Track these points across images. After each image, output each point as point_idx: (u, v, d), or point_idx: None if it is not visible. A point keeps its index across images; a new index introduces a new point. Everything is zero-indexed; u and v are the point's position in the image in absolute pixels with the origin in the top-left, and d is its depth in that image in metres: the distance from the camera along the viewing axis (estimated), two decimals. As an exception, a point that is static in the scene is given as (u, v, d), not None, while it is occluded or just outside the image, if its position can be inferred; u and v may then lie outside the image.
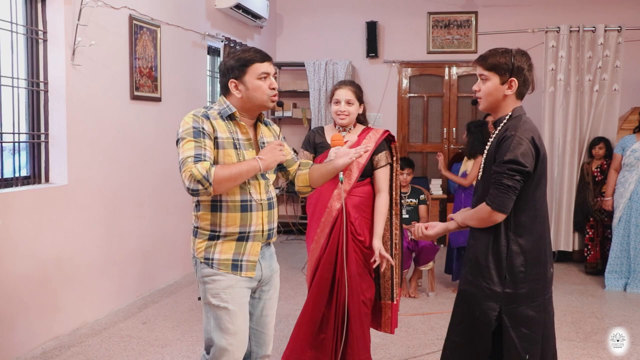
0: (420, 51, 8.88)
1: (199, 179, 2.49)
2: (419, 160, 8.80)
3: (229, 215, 2.68)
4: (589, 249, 6.74)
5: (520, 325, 2.66)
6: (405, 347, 4.52)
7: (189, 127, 2.62)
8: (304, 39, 9.16)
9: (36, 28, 4.56)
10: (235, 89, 2.72)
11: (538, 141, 2.62)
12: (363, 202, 3.57)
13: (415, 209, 5.99)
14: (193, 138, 2.59)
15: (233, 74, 2.72)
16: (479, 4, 8.67)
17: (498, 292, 2.66)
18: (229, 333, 2.69)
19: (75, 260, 4.72)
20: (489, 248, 2.68)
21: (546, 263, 2.72)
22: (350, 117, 3.60)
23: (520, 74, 2.69)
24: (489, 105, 2.76)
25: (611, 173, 6.36)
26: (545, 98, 7.02)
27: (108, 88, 5.11)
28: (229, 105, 2.72)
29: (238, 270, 2.71)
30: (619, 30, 6.86)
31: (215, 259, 2.69)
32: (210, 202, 2.68)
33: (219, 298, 2.68)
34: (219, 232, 2.69)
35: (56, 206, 4.55)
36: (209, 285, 2.70)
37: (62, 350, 4.35)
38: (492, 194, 2.60)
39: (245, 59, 2.72)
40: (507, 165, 2.57)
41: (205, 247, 2.70)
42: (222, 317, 2.69)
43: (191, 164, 2.52)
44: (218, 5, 7.05)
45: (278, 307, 5.33)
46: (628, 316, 5.28)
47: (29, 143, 4.58)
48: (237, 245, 2.71)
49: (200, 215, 2.71)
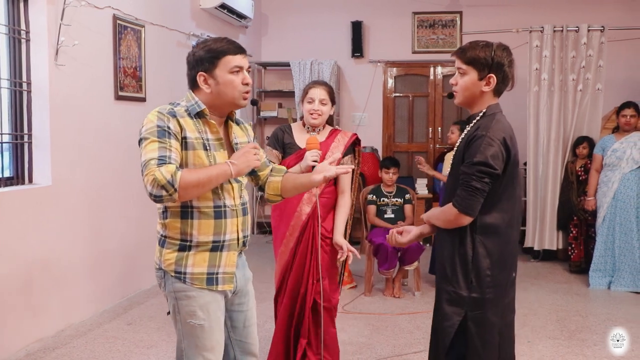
0: (405, 51, 8.90)
1: (162, 184, 2.23)
2: (404, 160, 8.82)
3: (202, 222, 2.42)
4: (573, 248, 6.79)
5: (485, 332, 2.57)
6: (392, 346, 4.53)
7: (153, 125, 2.37)
8: (289, 38, 9.15)
9: (19, 28, 4.52)
10: (204, 84, 2.44)
11: (510, 142, 2.52)
12: (328, 202, 3.63)
13: (400, 208, 6.00)
14: (157, 138, 2.34)
15: (202, 66, 2.43)
16: (464, 4, 8.71)
17: (464, 297, 2.56)
18: (205, 349, 2.47)
19: (59, 262, 4.69)
20: (455, 250, 2.58)
21: (511, 267, 2.64)
22: (322, 117, 3.58)
23: (499, 70, 2.56)
24: (464, 100, 2.66)
25: (592, 174, 6.40)
26: (529, 97, 7.07)
27: (92, 88, 5.08)
28: (198, 102, 2.45)
29: (213, 284, 2.46)
30: (601, 30, 6.92)
31: (188, 273, 2.42)
32: (180, 208, 2.42)
33: (195, 316, 2.44)
34: (190, 241, 2.42)
35: (40, 207, 4.51)
36: (183, 302, 2.44)
37: (46, 352, 4.32)
38: (460, 195, 2.50)
39: (216, 50, 2.42)
40: (477, 167, 2.46)
41: (176, 259, 2.43)
42: (198, 335, 2.45)
43: (154, 167, 2.27)
44: (203, 5, 7.03)
45: (263, 308, 5.35)
46: (612, 314, 5.32)
47: (12, 144, 4.54)
48: (211, 257, 2.45)
49: (168, 222, 2.44)
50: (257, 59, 9.04)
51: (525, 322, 5.02)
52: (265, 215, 9.26)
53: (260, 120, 9.27)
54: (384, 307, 5.49)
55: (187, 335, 2.47)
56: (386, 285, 5.90)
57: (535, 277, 6.60)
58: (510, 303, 2.67)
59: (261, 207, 9.24)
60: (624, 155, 6.07)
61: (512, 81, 2.64)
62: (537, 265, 7.15)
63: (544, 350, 4.48)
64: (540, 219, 7.08)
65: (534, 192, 7.12)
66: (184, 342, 2.48)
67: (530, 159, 7.13)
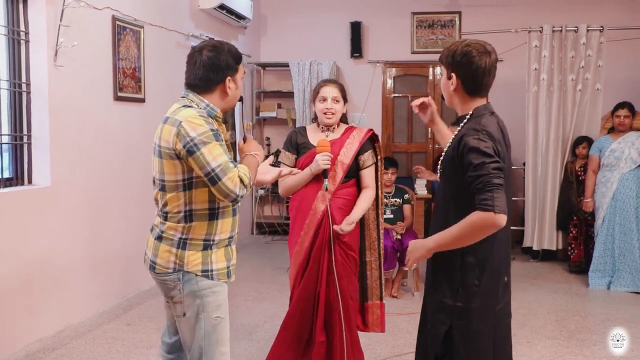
0: (404, 51, 8.90)
1: (246, 184, 2.41)
2: (403, 160, 8.82)
3: (224, 221, 2.57)
4: (573, 248, 6.79)
5: (471, 341, 2.48)
6: (391, 346, 4.53)
7: (207, 130, 2.40)
8: (288, 39, 9.15)
9: (18, 29, 4.52)
10: (228, 88, 2.56)
11: (498, 144, 2.37)
12: (347, 204, 3.53)
13: (399, 208, 6.00)
14: (218, 142, 2.41)
15: (230, 71, 2.55)
16: (463, 4, 8.70)
17: (449, 306, 2.47)
18: (223, 344, 2.61)
19: (59, 262, 4.69)
20: (443, 259, 2.48)
21: (501, 272, 2.52)
22: (336, 116, 3.56)
23: (460, 68, 2.44)
24: (447, 101, 2.60)
25: (589, 175, 6.41)
26: (528, 98, 7.08)
27: (91, 89, 5.08)
28: (211, 105, 2.55)
29: (229, 277, 2.63)
30: (601, 30, 6.92)
31: (215, 269, 2.55)
32: (208, 210, 2.51)
33: (221, 310, 2.58)
34: (213, 240, 2.54)
35: (39, 208, 4.51)
36: (209, 299, 2.55)
37: (46, 353, 4.32)
38: (486, 198, 2.25)
39: (239, 56, 2.59)
40: (489, 165, 2.28)
41: (202, 259, 2.53)
42: (219, 330, 2.58)
43: (235, 169, 2.40)
44: (202, 6, 7.03)
45: (264, 308, 5.35)
46: (611, 314, 5.33)
47: (12, 144, 4.54)
48: (226, 252, 2.61)
49: (194, 225, 2.50)
50: (256, 60, 9.04)
51: (524, 322, 5.02)
52: (264, 215, 9.26)
53: (260, 120, 9.27)
54: (384, 307, 5.48)
55: (210, 332, 2.56)
56: (385, 285, 5.88)
57: (535, 277, 6.60)
58: (504, 308, 2.58)
59: (260, 208, 9.24)
60: (623, 156, 6.08)
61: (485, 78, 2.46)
62: (537, 265, 7.16)
63: (543, 350, 4.49)
64: (539, 219, 7.08)
65: (533, 192, 7.13)
66: (205, 340, 2.56)
67: (529, 159, 7.13)
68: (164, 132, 2.46)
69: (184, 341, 2.64)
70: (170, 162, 2.46)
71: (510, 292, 2.64)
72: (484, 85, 2.48)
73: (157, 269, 2.56)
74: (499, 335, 2.56)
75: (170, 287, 2.56)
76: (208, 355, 2.57)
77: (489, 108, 2.51)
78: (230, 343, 4.53)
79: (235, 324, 4.99)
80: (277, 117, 9.03)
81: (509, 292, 2.63)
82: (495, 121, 2.47)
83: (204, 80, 2.54)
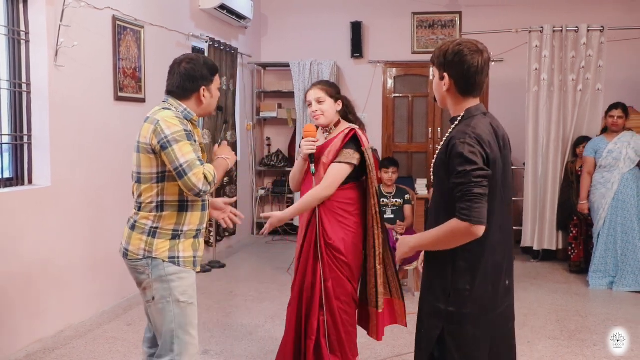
0: (404, 51, 8.90)
1: (210, 181, 2.68)
2: (404, 160, 8.81)
3: (193, 214, 2.82)
4: (573, 248, 6.79)
5: (464, 346, 2.43)
6: (391, 346, 4.53)
7: (180, 130, 2.69)
8: (288, 39, 9.15)
9: (18, 29, 4.52)
10: (203, 96, 2.85)
11: (488, 148, 2.32)
12: (340, 207, 3.47)
13: (400, 208, 6.00)
14: (189, 141, 2.68)
15: (205, 81, 2.84)
16: (463, 4, 8.70)
17: (441, 310, 2.44)
18: (192, 327, 2.84)
19: (59, 262, 4.69)
20: (436, 262, 2.47)
21: (499, 276, 2.46)
22: (325, 116, 3.47)
23: (452, 68, 2.40)
24: (439, 102, 2.56)
25: (585, 177, 6.38)
26: (529, 98, 7.08)
27: (91, 89, 5.08)
28: (188, 110, 2.83)
29: (195, 265, 2.87)
30: (601, 30, 6.92)
31: (181, 256, 2.80)
32: (178, 202, 2.78)
33: (188, 295, 2.81)
34: (181, 231, 2.80)
35: (40, 208, 4.52)
36: (176, 284, 2.78)
37: (46, 353, 4.32)
38: (465, 207, 2.26)
39: (215, 69, 2.90)
40: (472, 173, 2.27)
41: (170, 246, 2.78)
42: (187, 314, 2.81)
43: (198, 167, 2.66)
44: (202, 6, 7.03)
45: (263, 308, 5.36)
46: (612, 314, 5.32)
47: (12, 145, 4.55)
48: (194, 243, 2.85)
49: (164, 215, 2.77)
50: (257, 60, 9.04)
51: (525, 322, 5.02)
52: (265, 215, 9.24)
53: (260, 120, 9.27)
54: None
55: (178, 315, 2.79)
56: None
57: (535, 277, 6.60)
58: (505, 312, 2.53)
59: (261, 208, 9.24)
60: (621, 156, 6.08)
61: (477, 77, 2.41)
62: (537, 265, 7.15)
63: (543, 350, 4.48)
64: (539, 219, 7.08)
65: (533, 192, 7.12)
66: (174, 323, 2.79)
67: (529, 159, 7.13)
68: (143, 129, 2.76)
69: (155, 327, 2.86)
70: (146, 156, 2.74)
71: (513, 295, 2.59)
72: (477, 84, 2.44)
73: (129, 256, 2.81)
74: (498, 340, 2.50)
75: (140, 272, 2.81)
76: (180, 337, 2.79)
77: (481, 109, 2.47)
78: (231, 342, 4.56)
79: (235, 324, 4.99)
80: (278, 117, 9.03)
81: (511, 296, 2.58)
82: (488, 122, 2.43)
83: (181, 88, 2.84)
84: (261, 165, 9.16)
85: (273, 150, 9.35)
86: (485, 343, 2.46)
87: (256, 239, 8.79)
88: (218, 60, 7.19)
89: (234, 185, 7.75)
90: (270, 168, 9.12)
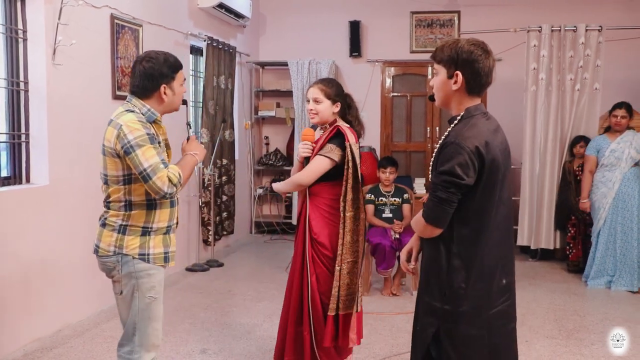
0: (403, 50, 8.90)
1: (175, 183, 2.74)
2: (402, 159, 8.81)
3: (162, 211, 2.88)
4: (571, 247, 6.79)
5: (460, 345, 2.44)
6: (390, 345, 4.53)
7: (143, 133, 2.73)
8: (287, 38, 9.15)
9: (16, 27, 4.51)
10: (164, 94, 2.86)
11: (484, 148, 2.33)
12: (327, 203, 3.52)
13: (398, 208, 6.00)
14: (152, 145, 2.73)
15: (165, 79, 2.85)
16: (462, 4, 8.71)
17: (437, 308, 2.46)
18: (155, 320, 2.92)
19: (57, 261, 4.68)
20: (432, 260, 2.49)
21: (494, 276, 2.45)
22: (320, 116, 3.54)
23: (466, 67, 2.39)
24: (441, 102, 2.53)
25: (586, 175, 6.36)
26: (527, 97, 7.07)
27: (89, 87, 5.07)
28: (151, 109, 2.86)
29: (167, 261, 2.93)
30: (599, 30, 6.92)
31: (151, 253, 2.86)
32: (146, 201, 2.83)
33: (154, 291, 2.89)
34: (151, 228, 2.85)
35: (38, 207, 4.51)
36: (144, 280, 2.85)
37: (44, 352, 4.32)
38: (427, 205, 2.40)
39: (175, 66, 2.89)
40: (442, 176, 2.34)
41: (140, 243, 2.84)
42: (152, 308, 2.89)
43: (161, 169, 2.70)
44: (200, 5, 7.02)
45: (261, 307, 5.37)
46: (610, 314, 5.33)
47: (9, 143, 4.54)
48: (164, 239, 2.91)
49: (133, 214, 2.82)
50: (255, 59, 9.04)
51: (523, 322, 5.02)
52: (263, 214, 9.26)
53: (258, 119, 9.27)
54: (382, 306, 5.49)
55: (143, 309, 2.88)
56: (384, 285, 5.90)
57: (533, 276, 6.60)
58: (503, 311, 2.50)
59: (259, 207, 9.24)
60: (623, 155, 6.08)
61: (487, 78, 2.43)
62: (535, 264, 7.16)
63: (541, 349, 4.49)
64: (536, 218, 7.08)
65: (530, 191, 7.12)
66: (138, 316, 2.88)
67: (526, 158, 7.13)
68: (107, 133, 2.81)
69: (121, 317, 2.95)
70: (111, 159, 2.81)
71: (512, 295, 2.56)
72: (486, 85, 2.46)
73: (100, 252, 2.87)
74: (496, 340, 2.48)
75: (110, 268, 2.88)
76: (141, 330, 2.88)
77: (480, 108, 2.47)
78: (229, 341, 4.56)
79: (233, 323, 4.99)
80: (276, 116, 9.02)
81: (511, 295, 2.55)
82: (486, 122, 2.44)
83: (141, 87, 2.86)
84: (259, 164, 9.15)
85: (271, 149, 9.34)
86: (482, 342, 2.45)
87: (255, 238, 8.78)
88: (216, 58, 7.19)
89: (232, 185, 7.75)
90: (269, 167, 9.11)
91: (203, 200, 7.04)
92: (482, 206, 2.39)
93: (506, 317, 2.53)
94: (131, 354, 2.89)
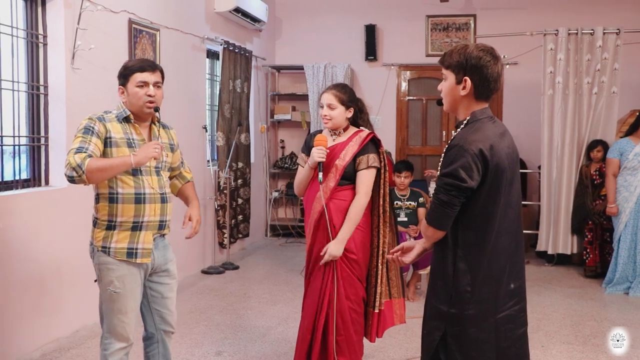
0: (419, 54, 8.89)
1: (73, 167, 2.82)
2: (418, 163, 8.80)
3: (124, 206, 2.99)
4: (588, 252, 6.73)
5: (468, 349, 2.43)
6: (404, 349, 4.53)
7: (82, 126, 2.98)
8: (303, 42, 9.17)
9: (36, 32, 4.57)
10: (122, 94, 3.08)
11: (489, 152, 2.32)
12: (348, 206, 3.52)
13: (414, 211, 6.00)
14: (82, 135, 2.93)
15: (120, 81, 3.08)
16: (478, 7, 8.69)
17: (444, 312, 2.46)
18: (120, 313, 3.03)
19: (74, 263, 4.72)
20: (438, 263, 2.50)
21: (501, 280, 2.43)
22: (333, 121, 3.56)
23: (474, 72, 2.39)
24: (449, 107, 2.53)
25: (610, 179, 6.24)
26: (544, 101, 7.04)
27: (108, 91, 5.10)
28: (125, 109, 3.06)
29: (133, 257, 3.01)
30: (617, 33, 6.88)
31: (112, 247, 3.00)
32: (108, 194, 3.00)
33: (113, 285, 3.02)
34: (114, 221, 3.00)
35: (56, 209, 4.56)
36: (104, 273, 3.03)
37: (61, 353, 4.36)
38: (430, 208, 2.43)
39: (128, 68, 3.07)
40: (445, 179, 2.36)
41: (103, 236, 3.02)
42: (114, 300, 3.03)
43: (71, 155, 2.85)
44: (217, 9, 7.06)
45: (276, 310, 5.38)
46: (628, 319, 5.28)
47: (29, 146, 4.60)
48: (132, 235, 3.01)
49: (99, 206, 3.04)
50: (271, 62, 9.07)
51: (539, 327, 5.00)
52: (278, 218, 9.28)
53: (274, 123, 9.30)
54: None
55: (106, 300, 3.06)
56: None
57: (550, 281, 6.56)
58: (512, 317, 2.48)
59: (274, 210, 9.26)
60: None
61: (495, 84, 2.44)
62: (552, 269, 7.12)
63: (558, 355, 4.46)
64: (554, 223, 7.05)
65: (548, 195, 7.09)
66: (104, 305, 3.08)
67: (544, 163, 7.10)
68: None
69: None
70: None
71: (522, 300, 2.54)
72: (494, 90, 2.46)
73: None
74: (503, 344, 2.46)
75: (91, 257, 3.10)
76: (108, 318, 3.07)
77: (486, 112, 2.47)
78: (244, 344, 4.57)
79: (248, 326, 5.01)
80: (292, 119, 9.05)
81: (521, 300, 2.53)
82: (492, 126, 2.44)
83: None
84: (275, 168, 9.18)
85: (287, 152, 9.37)
86: (490, 347, 2.44)
87: (270, 241, 8.81)
88: (233, 62, 7.23)
89: (248, 188, 7.78)
90: (284, 170, 9.14)
91: (219, 203, 7.08)
92: (487, 210, 2.38)
93: (515, 321, 2.51)
94: (103, 338, 3.10)
